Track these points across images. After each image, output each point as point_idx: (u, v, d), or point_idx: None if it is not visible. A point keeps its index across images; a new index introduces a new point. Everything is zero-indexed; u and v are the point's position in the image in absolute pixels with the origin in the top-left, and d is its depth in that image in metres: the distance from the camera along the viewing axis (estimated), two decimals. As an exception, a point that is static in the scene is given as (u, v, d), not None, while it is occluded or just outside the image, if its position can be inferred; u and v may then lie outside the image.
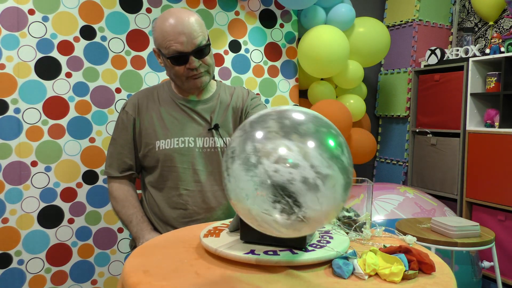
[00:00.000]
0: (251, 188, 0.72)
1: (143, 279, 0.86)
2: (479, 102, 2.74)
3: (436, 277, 0.91)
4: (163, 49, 1.38)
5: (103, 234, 2.12)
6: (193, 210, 1.44)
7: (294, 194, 0.70)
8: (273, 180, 0.70)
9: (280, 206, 0.71)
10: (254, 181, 0.71)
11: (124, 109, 1.51)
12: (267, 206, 0.72)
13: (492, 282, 2.60)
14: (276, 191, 0.70)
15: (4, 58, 1.91)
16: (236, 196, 0.75)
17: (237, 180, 0.73)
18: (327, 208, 0.73)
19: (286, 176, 0.69)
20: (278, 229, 0.75)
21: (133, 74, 2.19)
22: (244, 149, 0.73)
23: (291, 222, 0.72)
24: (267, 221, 0.74)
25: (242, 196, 0.73)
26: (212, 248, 0.97)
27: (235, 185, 0.74)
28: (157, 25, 1.39)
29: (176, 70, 1.40)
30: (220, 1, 2.45)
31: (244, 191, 0.73)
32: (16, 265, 1.95)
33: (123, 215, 1.49)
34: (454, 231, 1.78)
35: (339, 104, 2.69)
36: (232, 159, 0.74)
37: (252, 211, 0.74)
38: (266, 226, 0.76)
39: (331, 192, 0.72)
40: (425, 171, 3.07)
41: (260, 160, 0.71)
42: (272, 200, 0.71)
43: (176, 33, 1.34)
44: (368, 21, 2.88)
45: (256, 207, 0.73)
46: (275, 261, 0.92)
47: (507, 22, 2.99)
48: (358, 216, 1.19)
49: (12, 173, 1.93)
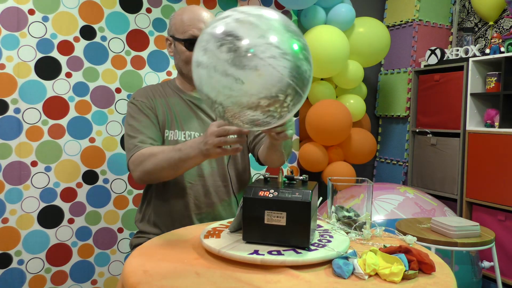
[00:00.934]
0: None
1: (143, 279, 0.86)
2: (479, 102, 2.74)
3: (436, 277, 0.91)
4: (179, 34, 1.45)
5: (103, 234, 2.12)
6: (195, 204, 1.45)
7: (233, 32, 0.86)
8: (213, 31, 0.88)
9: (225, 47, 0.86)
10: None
11: (135, 99, 1.48)
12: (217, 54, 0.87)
13: (492, 282, 2.60)
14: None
15: (4, 58, 1.92)
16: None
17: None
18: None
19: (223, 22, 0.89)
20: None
21: (133, 74, 2.19)
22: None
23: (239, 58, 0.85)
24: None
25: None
26: (215, 249, 0.97)
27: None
28: (177, 13, 1.49)
29: (187, 55, 1.45)
30: (220, 1, 2.45)
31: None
32: (16, 265, 1.95)
33: (168, 155, 1.29)
34: (454, 231, 1.78)
35: (339, 104, 2.69)
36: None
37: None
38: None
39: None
40: (425, 171, 3.07)
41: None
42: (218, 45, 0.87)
43: (195, 19, 1.44)
44: (368, 21, 2.88)
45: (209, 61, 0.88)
46: (280, 261, 0.92)
47: (507, 22, 2.99)
48: (358, 216, 1.19)
49: (12, 173, 1.93)
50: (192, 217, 1.44)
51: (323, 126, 2.62)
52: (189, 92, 1.53)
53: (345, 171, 2.73)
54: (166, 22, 2.27)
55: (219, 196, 1.48)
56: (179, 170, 1.31)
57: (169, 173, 1.33)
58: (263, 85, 0.87)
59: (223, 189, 1.49)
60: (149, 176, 1.35)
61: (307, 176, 1.12)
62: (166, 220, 1.46)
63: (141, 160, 1.34)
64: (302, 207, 0.98)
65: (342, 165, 2.77)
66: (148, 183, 1.45)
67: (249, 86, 0.86)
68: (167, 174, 1.33)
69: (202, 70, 0.90)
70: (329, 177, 1.24)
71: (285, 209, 0.98)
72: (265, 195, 1.00)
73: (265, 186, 1.04)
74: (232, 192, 1.50)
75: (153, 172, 1.32)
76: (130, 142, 1.41)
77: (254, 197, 1.00)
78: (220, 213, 1.48)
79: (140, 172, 1.34)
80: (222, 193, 1.49)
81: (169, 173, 1.33)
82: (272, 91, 0.88)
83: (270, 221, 0.99)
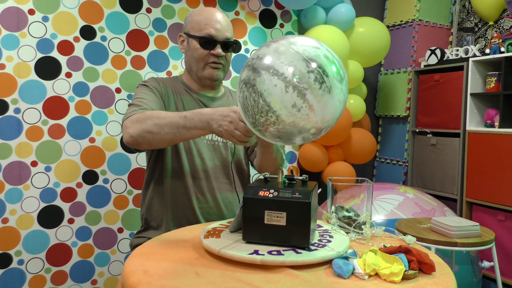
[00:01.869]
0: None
1: (143, 279, 0.86)
2: (479, 102, 2.74)
3: (436, 277, 0.91)
4: (195, 31, 1.48)
5: (103, 234, 2.12)
6: (198, 199, 1.47)
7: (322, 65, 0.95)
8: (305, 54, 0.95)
9: (313, 76, 0.94)
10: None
11: (146, 82, 1.48)
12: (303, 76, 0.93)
13: (492, 282, 2.60)
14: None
15: (4, 58, 1.91)
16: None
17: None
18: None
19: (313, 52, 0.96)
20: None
21: (133, 74, 2.19)
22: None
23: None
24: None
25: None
26: (215, 249, 0.97)
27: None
28: (194, 13, 1.53)
29: (200, 53, 1.48)
30: (220, 1, 2.45)
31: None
32: (16, 265, 1.95)
33: (173, 119, 1.24)
34: (454, 231, 1.78)
35: (339, 104, 2.69)
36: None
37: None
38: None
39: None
40: (425, 171, 3.07)
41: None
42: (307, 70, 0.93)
43: (213, 20, 1.48)
44: (368, 21, 2.88)
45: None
46: (280, 261, 0.92)
47: (507, 22, 2.99)
48: (358, 216, 1.19)
49: (12, 173, 1.93)
50: (196, 211, 1.45)
51: (323, 126, 2.62)
52: (197, 90, 1.56)
53: (345, 171, 2.73)
54: (166, 22, 2.27)
55: (221, 193, 1.50)
56: (178, 136, 1.24)
57: (167, 136, 1.24)
58: (325, 118, 0.98)
59: (225, 186, 1.51)
60: (144, 135, 1.25)
61: (307, 176, 1.12)
62: (170, 212, 1.47)
63: (140, 118, 1.27)
64: (302, 207, 0.98)
65: (342, 165, 2.77)
66: (136, 144, 1.29)
67: (315, 116, 0.96)
68: (164, 137, 1.25)
69: (279, 81, 0.93)
70: (329, 177, 1.24)
71: (285, 209, 0.98)
72: (265, 195, 1.00)
73: (265, 186, 1.04)
74: (235, 190, 1.52)
75: (151, 132, 1.24)
76: (132, 108, 1.34)
77: (254, 197, 1.00)
78: (222, 211, 1.50)
79: (135, 130, 1.26)
80: (224, 190, 1.51)
81: (167, 136, 1.24)
82: (329, 123, 1.00)
83: (270, 221, 0.99)
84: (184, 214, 1.45)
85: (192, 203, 1.46)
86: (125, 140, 1.29)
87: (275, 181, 1.11)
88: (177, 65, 2.31)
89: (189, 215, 1.45)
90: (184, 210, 1.46)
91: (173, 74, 2.29)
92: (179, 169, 1.46)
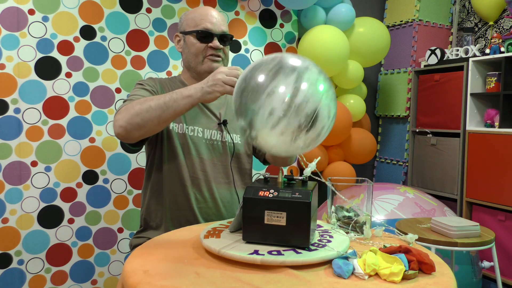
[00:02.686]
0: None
1: (143, 279, 0.86)
2: (479, 102, 2.74)
3: (436, 277, 0.91)
4: (191, 27, 1.50)
5: (103, 234, 2.12)
6: (197, 199, 1.47)
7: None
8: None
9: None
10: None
11: (142, 82, 1.48)
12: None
13: (492, 282, 2.60)
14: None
15: (4, 58, 1.92)
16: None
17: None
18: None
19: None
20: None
21: (133, 74, 2.19)
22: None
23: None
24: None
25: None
26: (215, 249, 0.97)
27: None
28: (189, 11, 1.55)
29: (197, 47, 1.49)
30: (220, 1, 2.45)
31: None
32: (16, 265, 1.95)
33: (159, 96, 1.25)
34: (454, 231, 1.78)
35: (339, 104, 2.69)
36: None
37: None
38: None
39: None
40: (425, 171, 3.07)
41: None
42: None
43: (209, 15, 1.51)
44: (368, 21, 2.88)
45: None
46: (280, 261, 0.92)
47: (507, 22, 2.99)
48: (358, 216, 1.19)
49: (12, 173, 1.93)
50: (195, 211, 1.45)
51: (323, 126, 2.62)
52: None
53: (345, 171, 2.73)
54: (166, 22, 2.27)
55: (220, 192, 1.50)
56: (166, 110, 1.21)
57: (155, 113, 1.21)
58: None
59: (224, 186, 1.51)
60: (132, 120, 1.22)
61: (307, 176, 1.12)
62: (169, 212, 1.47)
63: (128, 107, 1.25)
64: (302, 207, 0.98)
65: (342, 165, 2.77)
66: (126, 133, 1.25)
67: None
68: (152, 115, 1.21)
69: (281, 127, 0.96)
70: (329, 177, 1.24)
71: (285, 209, 0.98)
72: (265, 195, 1.00)
73: (265, 186, 1.04)
74: (234, 190, 1.52)
75: (138, 114, 1.21)
76: (123, 104, 1.32)
77: (254, 197, 1.00)
78: (221, 211, 1.49)
79: (122, 120, 1.23)
80: (223, 189, 1.51)
81: (155, 113, 1.21)
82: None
83: (270, 221, 0.99)
84: (183, 214, 1.45)
85: (191, 203, 1.46)
86: (116, 132, 1.26)
87: (275, 181, 1.11)
88: (177, 65, 2.31)
89: (188, 215, 1.45)
90: (183, 211, 1.46)
91: (173, 74, 2.29)
92: (178, 169, 1.46)
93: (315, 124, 0.97)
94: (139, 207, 2.19)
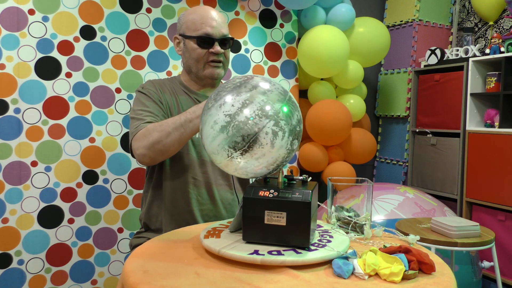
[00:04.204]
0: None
1: (143, 279, 0.86)
2: (479, 102, 2.74)
3: (436, 277, 0.91)
4: (191, 31, 1.48)
5: (103, 234, 2.12)
6: (198, 200, 1.46)
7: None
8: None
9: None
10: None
11: (144, 88, 1.48)
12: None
13: (492, 282, 2.60)
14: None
15: (4, 58, 1.92)
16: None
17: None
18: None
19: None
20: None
21: (133, 74, 2.19)
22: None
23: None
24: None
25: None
26: (215, 249, 0.97)
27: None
28: (188, 12, 1.52)
29: (198, 53, 1.47)
30: (220, 1, 2.45)
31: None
32: (16, 265, 1.95)
33: (174, 119, 1.30)
34: (454, 231, 1.78)
35: (339, 104, 2.69)
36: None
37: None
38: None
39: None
40: (425, 171, 3.07)
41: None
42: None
43: (209, 18, 1.48)
44: (368, 21, 2.88)
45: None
46: (280, 261, 0.92)
47: (507, 22, 2.99)
48: (358, 216, 1.19)
49: (12, 173, 1.93)
50: (195, 213, 1.45)
51: (323, 126, 2.62)
52: (196, 90, 1.55)
53: (345, 171, 2.73)
54: (166, 22, 2.28)
55: (220, 195, 1.50)
56: (184, 132, 1.27)
57: (175, 137, 1.27)
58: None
59: (225, 188, 1.51)
60: (154, 147, 1.28)
61: (307, 176, 1.12)
62: (169, 215, 1.46)
63: (145, 134, 1.30)
64: (302, 207, 0.98)
65: (342, 165, 2.77)
66: (151, 160, 1.32)
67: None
68: (173, 139, 1.28)
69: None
70: (329, 177, 1.24)
71: (285, 209, 0.98)
72: (265, 195, 1.00)
73: (265, 186, 1.04)
74: (234, 192, 1.51)
75: (159, 141, 1.27)
76: (134, 124, 1.37)
77: (254, 197, 1.00)
78: (221, 212, 1.49)
79: (144, 148, 1.29)
80: (224, 191, 1.51)
81: (175, 137, 1.27)
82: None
83: (270, 221, 0.99)
84: (183, 217, 1.45)
85: (191, 205, 1.46)
86: (139, 160, 1.33)
87: (275, 181, 1.11)
88: (177, 65, 2.31)
89: (188, 218, 1.45)
90: (183, 213, 1.45)
91: (173, 74, 2.29)
92: (179, 171, 1.46)
93: (252, 147, 0.95)
94: (139, 207, 2.19)
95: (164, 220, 1.47)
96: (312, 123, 2.68)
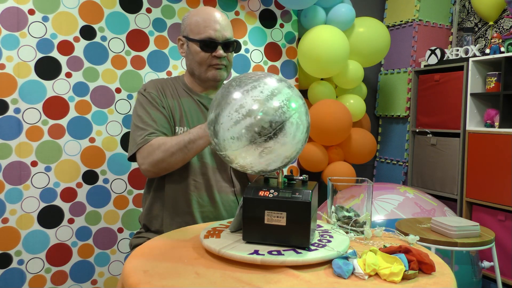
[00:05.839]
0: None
1: (143, 279, 0.86)
2: (479, 102, 2.74)
3: (436, 277, 0.91)
4: (194, 34, 1.47)
5: (103, 234, 2.12)
6: (198, 203, 1.46)
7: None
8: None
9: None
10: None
11: (146, 91, 1.49)
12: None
13: (492, 282, 2.60)
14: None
15: (4, 58, 1.91)
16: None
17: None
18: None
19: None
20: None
21: (133, 74, 2.19)
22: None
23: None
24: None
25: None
26: (215, 249, 0.97)
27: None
28: (191, 14, 1.51)
29: (201, 56, 1.47)
30: (220, 1, 2.45)
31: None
32: (16, 265, 1.95)
33: (178, 139, 1.34)
34: (454, 231, 1.78)
35: (339, 104, 2.69)
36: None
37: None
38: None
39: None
40: (425, 171, 3.07)
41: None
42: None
43: (212, 21, 1.46)
44: (368, 21, 2.88)
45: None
46: (280, 261, 0.92)
47: (507, 22, 2.99)
48: (358, 216, 1.20)
49: (12, 173, 1.93)
50: (195, 214, 1.45)
51: (323, 126, 2.62)
52: (199, 92, 1.55)
53: (345, 171, 2.73)
54: (166, 22, 2.27)
55: (221, 196, 1.49)
56: (188, 152, 1.33)
57: (178, 157, 1.33)
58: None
59: (226, 190, 1.50)
60: (158, 165, 1.35)
61: (307, 176, 1.12)
62: (169, 217, 1.46)
63: (149, 151, 1.35)
64: (302, 207, 0.98)
65: (342, 165, 2.77)
66: (155, 174, 1.41)
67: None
68: (177, 159, 1.34)
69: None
70: (329, 177, 1.24)
71: (285, 209, 0.98)
72: (265, 195, 1.00)
73: (265, 186, 1.04)
74: (235, 195, 1.51)
75: (163, 160, 1.34)
76: (138, 134, 1.40)
77: (254, 197, 1.00)
78: (221, 213, 1.49)
79: (148, 164, 1.36)
80: (224, 193, 1.50)
81: (178, 157, 1.33)
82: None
83: (270, 221, 0.99)
84: (184, 219, 1.45)
85: (192, 207, 1.45)
86: (144, 174, 1.41)
87: (275, 181, 1.11)
88: (177, 65, 2.31)
89: (188, 220, 1.45)
90: (184, 215, 1.45)
91: (173, 74, 2.29)
92: (179, 173, 1.45)
93: (277, 135, 0.96)
94: (139, 207, 2.19)
95: (165, 222, 1.47)
96: (312, 123, 2.66)
